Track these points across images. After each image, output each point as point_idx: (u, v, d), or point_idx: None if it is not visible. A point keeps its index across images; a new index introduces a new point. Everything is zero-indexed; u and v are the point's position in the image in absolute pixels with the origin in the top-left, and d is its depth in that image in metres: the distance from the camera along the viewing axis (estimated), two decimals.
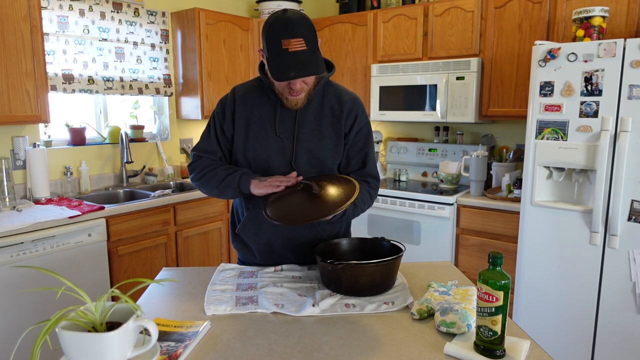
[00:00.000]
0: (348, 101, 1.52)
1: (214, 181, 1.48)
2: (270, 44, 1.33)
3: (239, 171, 1.46)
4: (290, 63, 1.31)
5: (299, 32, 1.30)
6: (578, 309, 2.38)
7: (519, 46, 2.85)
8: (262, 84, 1.54)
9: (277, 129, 1.49)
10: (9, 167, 2.57)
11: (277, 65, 1.32)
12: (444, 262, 1.62)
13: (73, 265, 2.36)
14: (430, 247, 3.01)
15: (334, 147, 1.50)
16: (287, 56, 1.30)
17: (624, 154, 2.15)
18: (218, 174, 1.47)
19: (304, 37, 1.31)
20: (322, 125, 1.49)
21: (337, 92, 1.53)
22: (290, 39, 1.29)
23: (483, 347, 1.00)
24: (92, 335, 0.83)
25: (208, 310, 1.22)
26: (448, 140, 3.52)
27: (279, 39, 1.30)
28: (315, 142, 1.49)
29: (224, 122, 1.54)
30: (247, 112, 1.51)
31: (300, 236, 1.54)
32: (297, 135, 1.48)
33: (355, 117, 1.51)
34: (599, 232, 2.27)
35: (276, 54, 1.32)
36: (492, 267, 0.98)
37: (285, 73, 1.31)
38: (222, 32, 3.41)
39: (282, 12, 1.34)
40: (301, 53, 1.31)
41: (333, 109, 1.50)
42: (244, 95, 1.53)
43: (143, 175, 3.33)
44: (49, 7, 2.73)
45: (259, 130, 1.50)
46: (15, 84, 2.37)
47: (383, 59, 3.41)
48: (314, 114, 1.50)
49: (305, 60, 1.31)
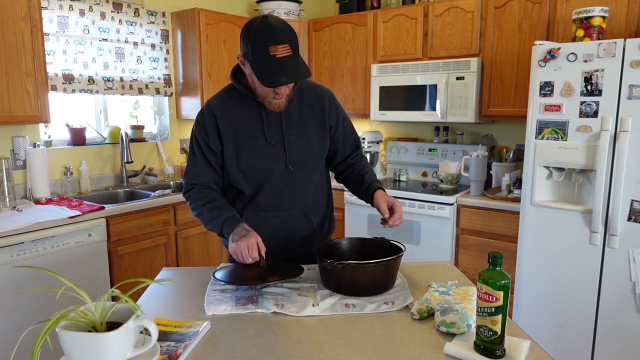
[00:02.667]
0: (325, 96, 1.59)
1: (202, 220, 1.52)
2: (256, 51, 1.33)
3: (220, 217, 1.46)
4: (279, 69, 1.33)
5: (285, 38, 1.32)
6: (578, 309, 2.38)
7: (519, 46, 2.85)
8: (236, 92, 1.53)
9: (267, 136, 1.50)
10: (9, 167, 2.57)
11: (266, 72, 1.33)
12: (444, 262, 1.62)
13: (73, 265, 2.36)
14: (430, 247, 3.01)
15: (320, 140, 1.57)
16: (275, 62, 1.32)
17: (624, 154, 2.15)
18: (204, 214, 1.50)
19: (289, 42, 1.33)
20: (307, 123, 1.54)
21: (311, 89, 1.58)
22: (277, 46, 1.31)
23: (483, 347, 1.00)
24: (92, 335, 0.84)
25: (208, 310, 1.23)
26: (448, 140, 3.52)
27: (266, 45, 1.31)
28: (304, 140, 1.54)
29: (208, 139, 1.51)
30: (232, 124, 1.50)
31: (297, 231, 1.60)
32: (286, 137, 1.51)
33: (335, 109, 1.60)
34: (599, 232, 2.27)
35: (264, 61, 1.33)
36: (492, 267, 0.98)
37: (276, 79, 1.33)
38: (222, 32, 3.41)
39: (262, 18, 1.34)
40: (288, 58, 1.33)
41: (313, 105, 1.56)
42: (223, 108, 1.52)
43: (143, 175, 3.33)
44: (49, 7, 2.73)
45: (248, 140, 1.50)
46: (16, 84, 2.37)
47: (383, 59, 3.41)
48: (297, 113, 1.53)
49: (292, 65, 1.34)
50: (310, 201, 1.60)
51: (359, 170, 1.66)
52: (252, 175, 1.52)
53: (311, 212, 1.61)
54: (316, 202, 1.63)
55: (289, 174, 1.53)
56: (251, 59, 1.35)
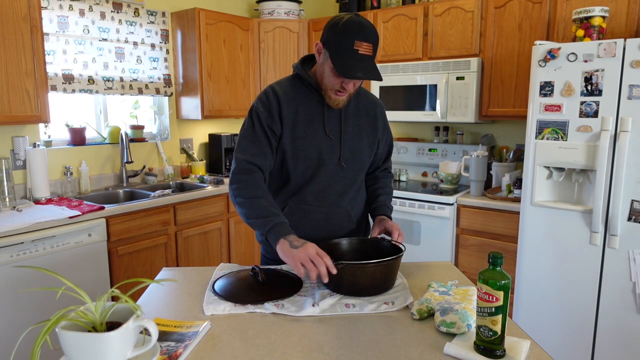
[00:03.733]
0: (378, 105, 1.66)
1: (243, 209, 1.44)
2: (341, 41, 1.37)
3: (273, 218, 1.38)
4: (358, 64, 1.36)
5: (371, 38, 1.37)
6: (578, 309, 2.38)
7: (519, 46, 2.85)
8: (300, 81, 1.54)
9: (326, 128, 1.52)
10: (9, 167, 2.57)
11: (345, 63, 1.37)
12: (444, 262, 1.62)
13: (73, 265, 2.36)
14: (430, 247, 3.01)
15: (370, 144, 1.62)
16: (357, 57, 1.36)
17: (624, 154, 2.15)
18: (253, 207, 1.41)
19: (373, 44, 1.38)
20: (361, 124, 1.59)
21: (366, 93, 1.65)
22: (362, 42, 1.36)
23: (483, 347, 1.00)
24: (92, 335, 0.83)
25: (207, 310, 1.22)
26: (448, 140, 3.52)
27: (353, 39, 1.35)
28: (357, 140, 1.58)
29: (272, 121, 1.49)
30: (293, 111, 1.51)
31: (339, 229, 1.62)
32: (344, 133, 1.55)
33: (384, 120, 1.68)
34: (599, 232, 2.27)
35: (346, 52, 1.37)
36: (492, 267, 0.98)
37: (353, 72, 1.36)
38: (222, 32, 3.41)
39: (354, 15, 1.39)
40: (368, 58, 1.38)
41: (367, 109, 1.62)
42: (286, 94, 1.52)
43: (143, 175, 3.33)
44: (49, 7, 2.73)
45: (307, 129, 1.51)
46: (15, 84, 2.37)
47: (383, 59, 3.41)
48: (354, 113, 1.58)
49: (370, 65, 1.39)
50: (352, 200, 1.63)
51: (378, 187, 1.71)
52: (304, 165, 1.52)
53: (353, 211, 1.64)
54: (357, 202, 1.66)
55: (339, 170, 1.56)
56: (334, 48, 1.38)
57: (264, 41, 3.66)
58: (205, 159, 3.79)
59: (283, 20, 3.66)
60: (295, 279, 1.42)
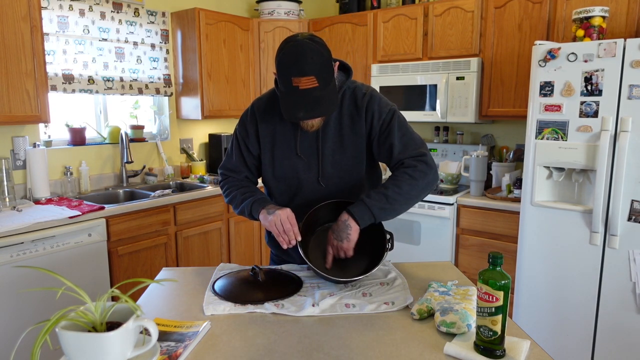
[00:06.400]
0: (364, 104, 1.46)
1: (233, 204, 1.53)
2: (281, 79, 1.30)
3: (251, 198, 1.47)
4: (300, 102, 1.28)
5: (310, 69, 1.25)
6: (578, 309, 2.38)
7: (519, 46, 2.85)
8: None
9: (298, 150, 1.48)
10: (9, 167, 2.57)
11: (286, 103, 1.30)
12: (444, 262, 1.62)
13: (73, 265, 2.36)
14: (430, 247, 3.01)
15: (356, 154, 1.48)
16: (297, 94, 1.28)
17: (624, 154, 2.15)
18: (237, 198, 1.51)
19: (315, 74, 1.26)
20: (343, 135, 1.47)
21: (353, 96, 1.48)
22: (300, 77, 1.25)
23: (483, 347, 1.00)
24: (92, 335, 0.83)
25: (207, 310, 1.22)
26: (448, 140, 3.52)
27: (290, 76, 1.26)
28: (340, 154, 1.48)
29: (248, 140, 1.52)
30: (271, 129, 1.49)
31: None
32: (322, 150, 1.47)
33: (372, 114, 1.45)
34: (599, 232, 2.27)
35: (286, 90, 1.29)
36: (492, 267, 0.98)
37: (294, 113, 1.29)
38: (222, 32, 3.41)
39: (294, 42, 1.26)
40: (313, 90, 1.27)
41: (352, 115, 1.47)
42: (265, 111, 1.51)
43: (143, 175, 3.33)
44: (49, 7, 2.73)
45: (284, 149, 1.49)
46: (15, 84, 2.37)
47: (383, 59, 3.41)
48: (335, 126, 1.47)
49: (316, 97, 1.28)
50: None
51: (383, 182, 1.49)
52: (285, 184, 1.52)
53: None
54: None
55: (320, 189, 1.51)
56: (279, 84, 1.33)
57: (264, 41, 3.66)
58: (205, 159, 3.79)
59: (283, 20, 3.67)
60: (296, 279, 1.42)
